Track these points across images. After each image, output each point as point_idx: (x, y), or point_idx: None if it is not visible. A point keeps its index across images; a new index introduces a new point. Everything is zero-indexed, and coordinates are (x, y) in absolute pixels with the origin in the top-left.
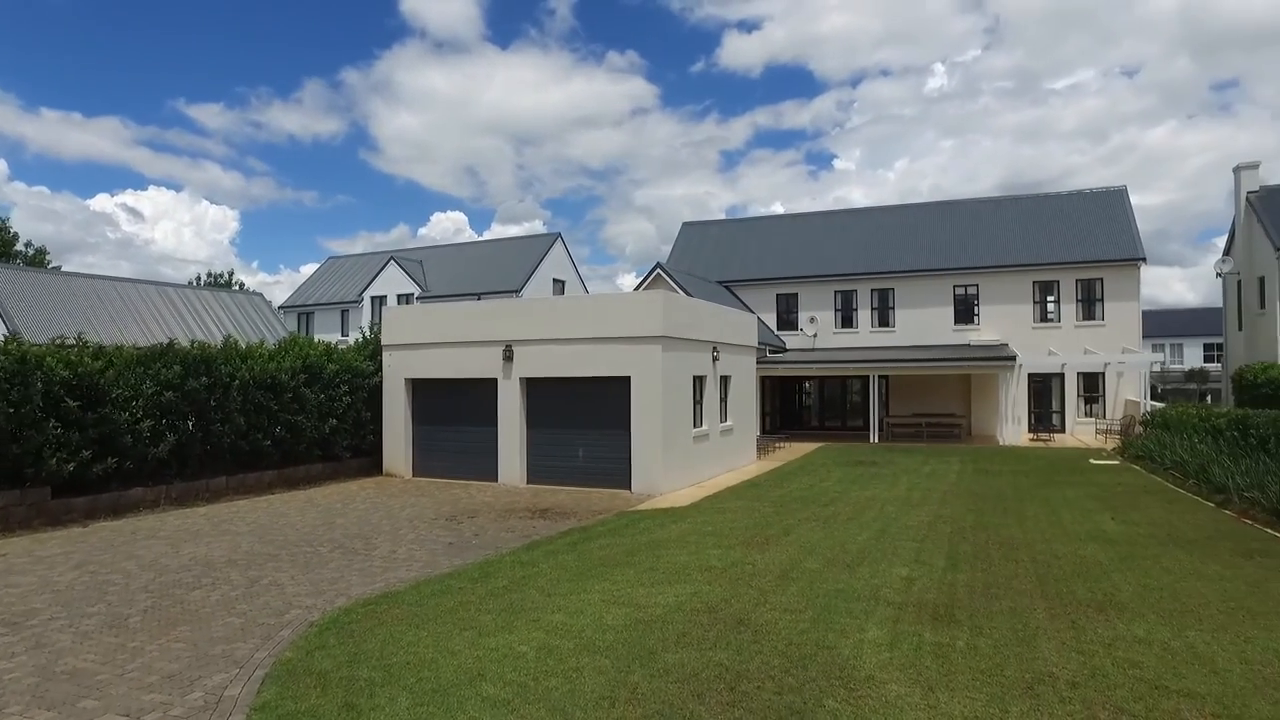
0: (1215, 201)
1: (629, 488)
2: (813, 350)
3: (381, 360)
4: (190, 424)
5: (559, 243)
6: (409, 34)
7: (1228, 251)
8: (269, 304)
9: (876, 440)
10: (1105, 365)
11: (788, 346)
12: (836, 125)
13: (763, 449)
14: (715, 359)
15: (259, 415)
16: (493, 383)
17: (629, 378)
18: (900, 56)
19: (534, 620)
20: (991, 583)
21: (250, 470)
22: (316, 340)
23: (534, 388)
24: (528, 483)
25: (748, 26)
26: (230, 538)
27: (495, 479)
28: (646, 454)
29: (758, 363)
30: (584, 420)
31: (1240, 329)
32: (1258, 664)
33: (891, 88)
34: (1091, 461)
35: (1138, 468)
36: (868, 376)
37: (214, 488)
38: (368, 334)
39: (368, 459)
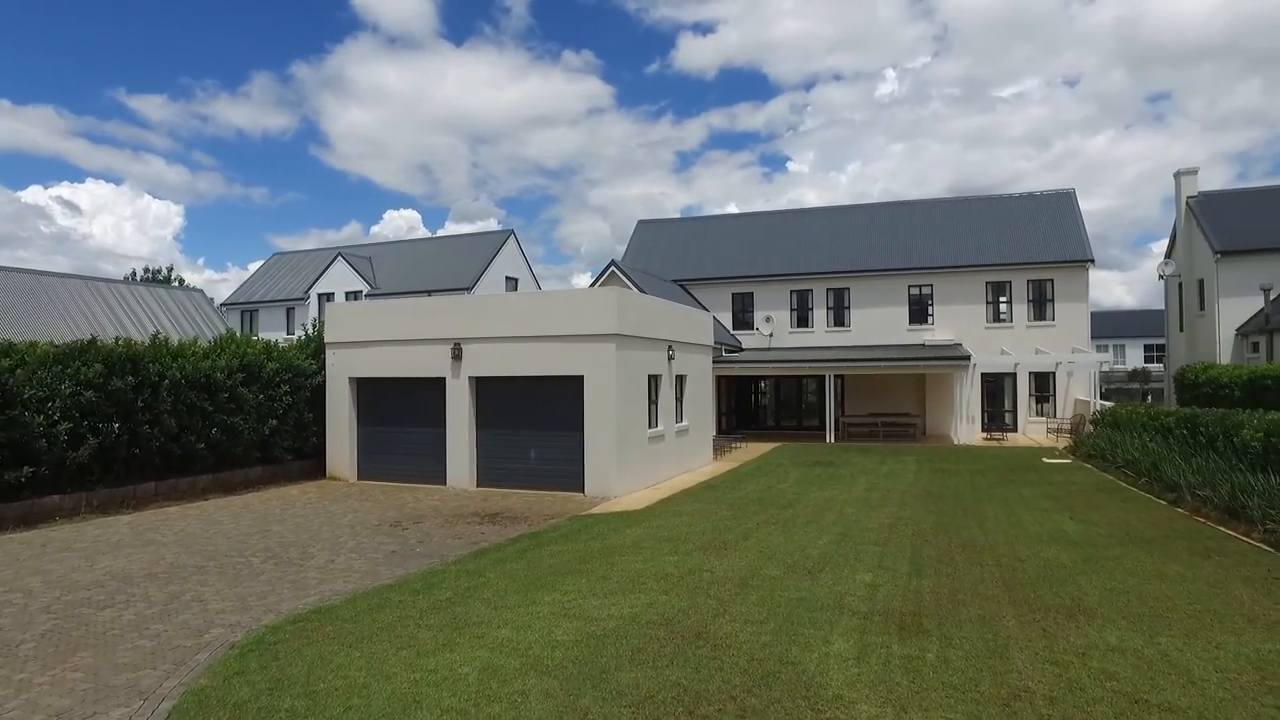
0: (1151, 208)
1: (582, 490)
2: (769, 350)
3: (325, 359)
4: (115, 426)
5: (512, 240)
6: (361, 28)
7: (1169, 254)
8: (209, 301)
9: (832, 440)
10: (1056, 365)
11: (744, 346)
12: (790, 128)
13: (719, 449)
14: (670, 358)
15: (192, 416)
16: (441, 382)
17: (582, 377)
18: (852, 62)
19: (478, 636)
20: (958, 589)
21: (183, 475)
22: (256, 338)
23: (484, 387)
24: (478, 486)
25: (702, 29)
26: (154, 548)
27: (444, 482)
28: (600, 456)
29: (714, 362)
30: (536, 421)
31: (1181, 330)
32: (1232, 672)
33: (843, 92)
34: (1045, 461)
35: (1090, 466)
36: (824, 376)
37: (141, 494)
38: (311, 332)
39: (310, 462)
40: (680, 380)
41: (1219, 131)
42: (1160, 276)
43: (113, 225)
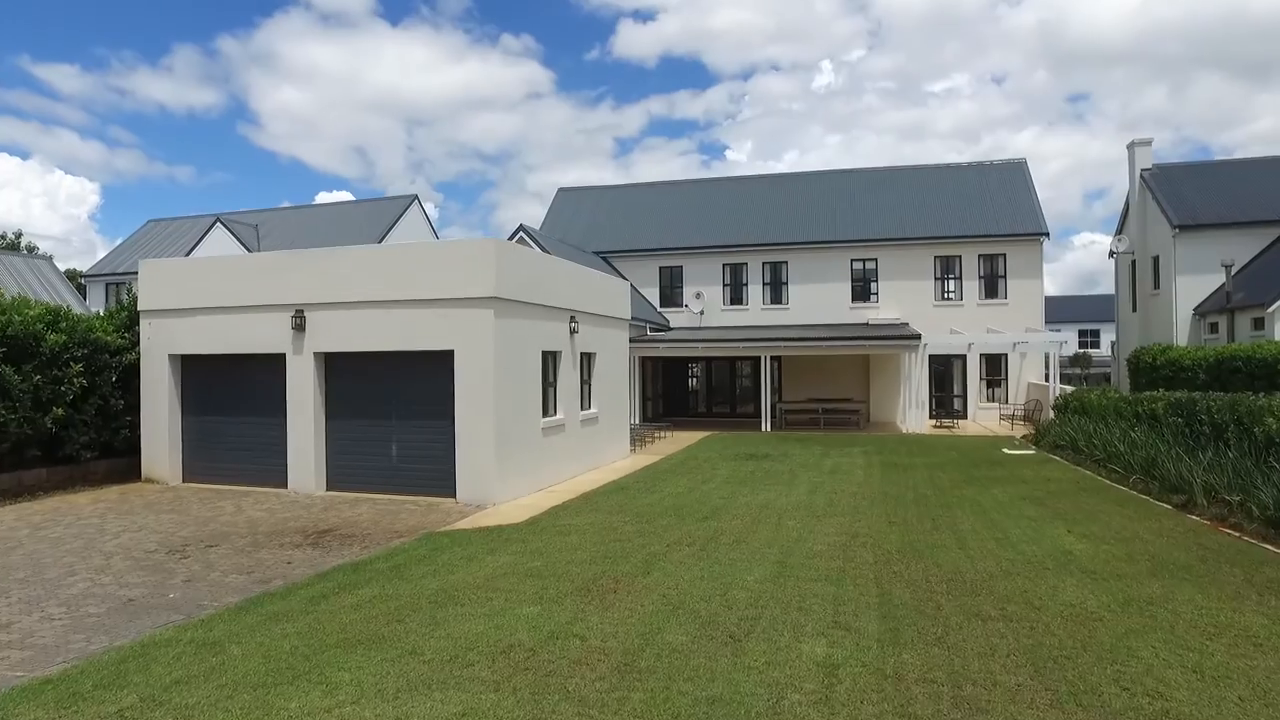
0: (1072, 203)
1: (454, 496)
2: (699, 329)
3: (140, 331)
4: None
5: (416, 205)
6: (292, 4)
7: (1120, 230)
8: (56, 269)
9: (769, 429)
10: (1014, 346)
11: (671, 325)
12: (728, 117)
13: (641, 440)
14: (573, 331)
15: None
16: (281, 359)
17: (452, 352)
18: (790, 53)
19: None
20: (962, 674)
21: None
22: (35, 300)
23: (335, 366)
24: (327, 489)
25: (643, 16)
26: None
27: (285, 484)
28: (475, 453)
29: (638, 342)
30: (399, 408)
31: (1135, 310)
32: None
33: (781, 83)
34: (1005, 452)
35: (1059, 459)
36: (759, 358)
37: None
38: (125, 301)
39: (124, 461)
40: (588, 359)
41: (1133, 132)
42: (1112, 254)
43: (19, 202)
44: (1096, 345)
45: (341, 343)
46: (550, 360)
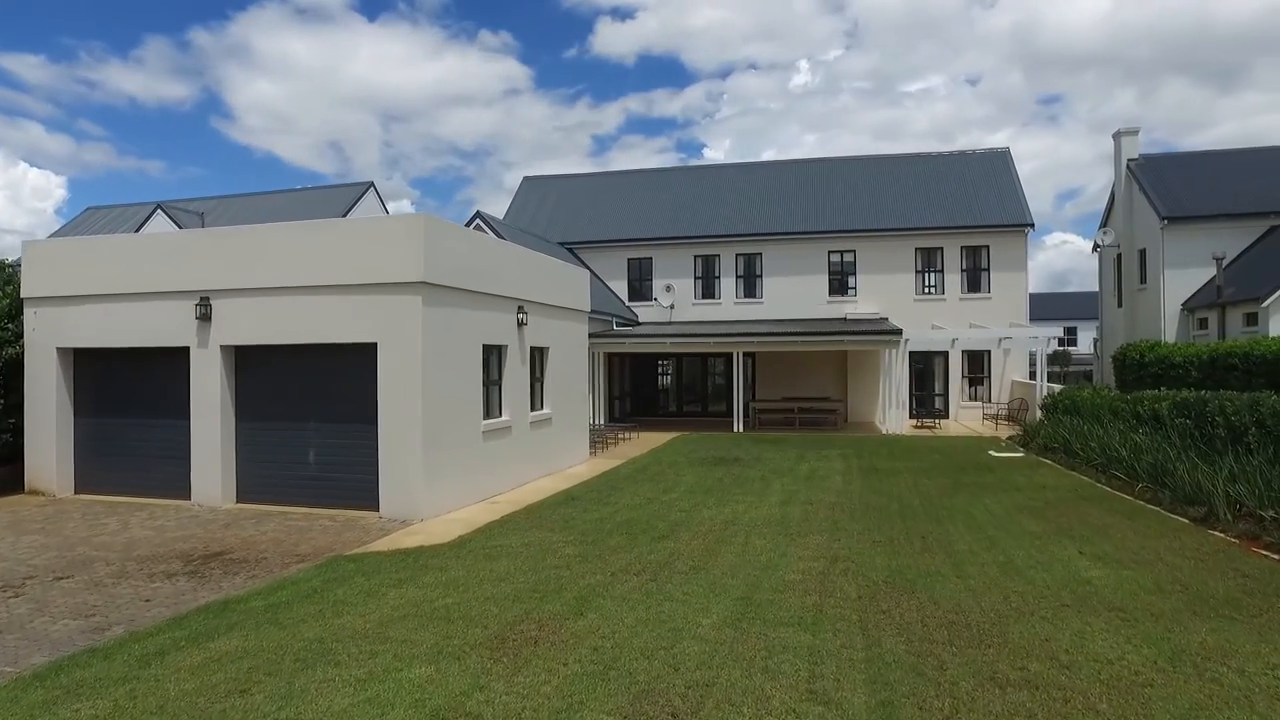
0: (1044, 203)
1: (378, 509)
2: (669, 324)
3: (25, 321)
4: None
5: (371, 193)
6: None
7: (1105, 223)
8: None
9: (741, 429)
10: (999, 342)
11: (640, 320)
12: (706, 115)
13: (604, 442)
14: (522, 323)
15: None
16: (185, 353)
17: (375, 345)
18: (768, 52)
19: None
20: None
21: None
22: None
23: (246, 361)
24: (237, 501)
25: (621, 14)
26: None
27: (188, 496)
28: (400, 460)
29: (603, 337)
30: (318, 409)
31: (1120, 306)
32: None
33: (759, 82)
34: (992, 454)
35: (1050, 462)
36: (731, 354)
37: None
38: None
39: (6, 469)
40: (539, 354)
41: (1102, 134)
42: (1095, 248)
43: None
44: (1074, 343)
45: (253, 334)
46: (494, 355)
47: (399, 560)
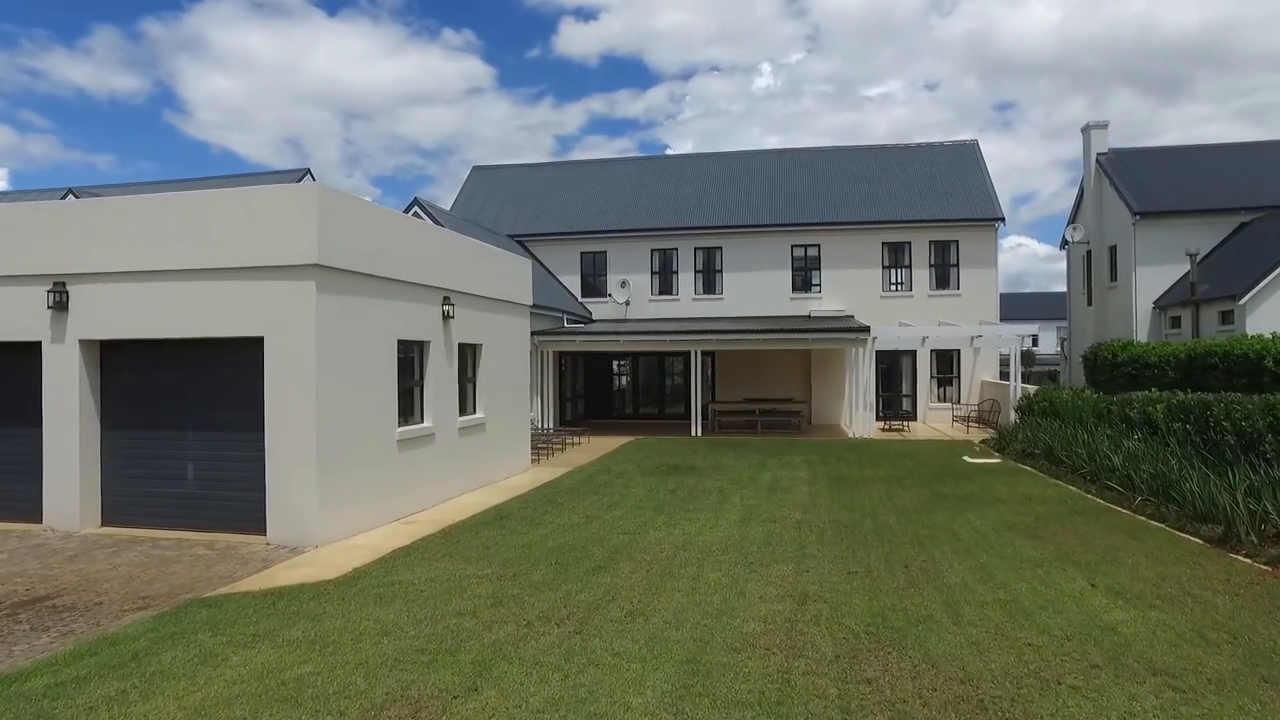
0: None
1: (265, 532)
2: (624, 321)
3: None
4: None
5: (307, 180)
6: None
7: (1074, 219)
8: None
9: (699, 433)
10: (971, 340)
11: (594, 317)
12: (669, 116)
13: (549, 449)
14: (448, 316)
15: None
16: (36, 350)
17: (262, 339)
18: (730, 55)
19: None
20: None
21: None
22: None
23: (113, 359)
24: (101, 524)
25: (584, 15)
26: None
27: (40, 518)
28: (290, 474)
29: (552, 334)
30: (197, 415)
31: (1090, 304)
32: None
33: (722, 84)
34: (967, 460)
35: (1030, 469)
36: (689, 353)
37: None
38: None
39: None
40: (471, 352)
41: (1055, 140)
42: (1063, 245)
43: None
44: (1035, 343)
45: (119, 327)
46: (415, 352)
47: (267, 605)
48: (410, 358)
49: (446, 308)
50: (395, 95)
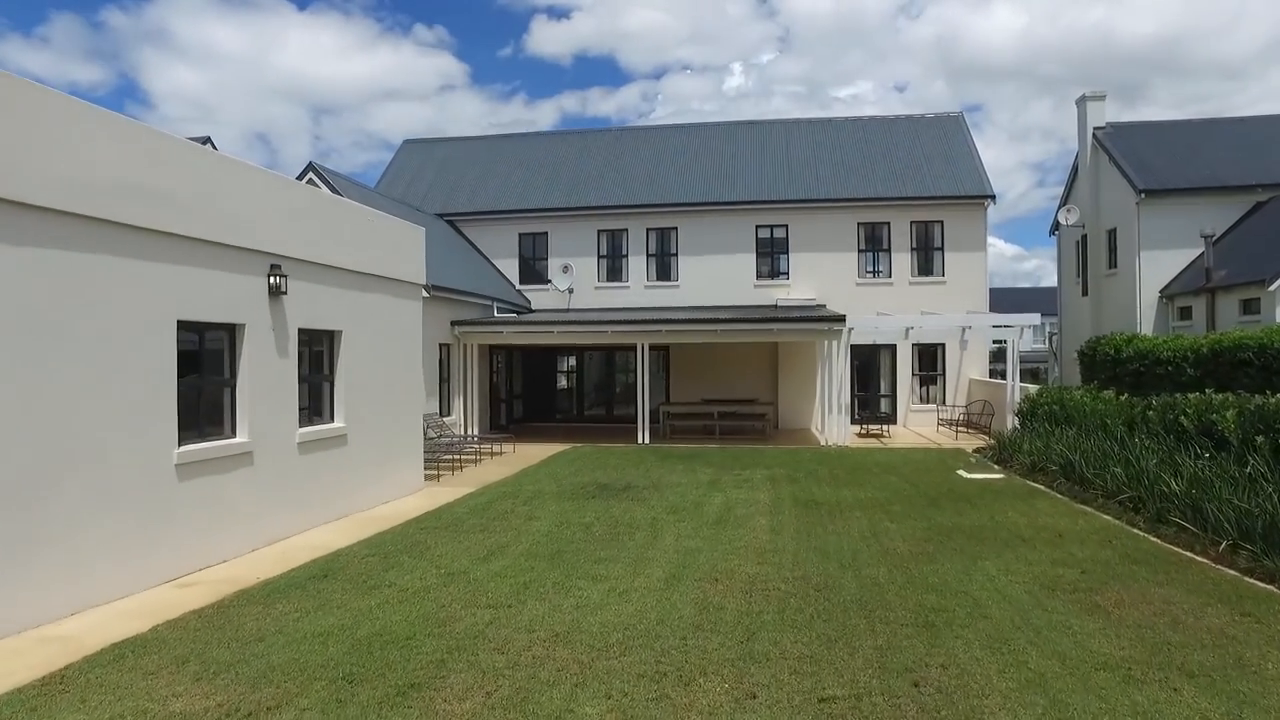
0: None
1: None
2: (567, 310)
3: None
4: None
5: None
6: None
7: (1067, 200)
8: None
9: (647, 439)
10: (962, 332)
11: (534, 306)
12: (641, 115)
13: (457, 462)
14: (277, 290)
15: None
16: None
17: None
18: (701, 54)
19: None
20: None
21: None
22: None
23: None
24: None
25: (557, 14)
26: None
27: None
28: None
29: (477, 325)
30: None
31: (1085, 294)
32: None
33: (693, 83)
34: (964, 475)
35: (1045, 489)
36: (636, 346)
37: None
38: None
39: None
40: (328, 340)
41: (1021, 142)
42: (1054, 229)
43: None
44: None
45: None
46: (221, 340)
47: None
48: (210, 348)
49: (276, 279)
50: (366, 91)
